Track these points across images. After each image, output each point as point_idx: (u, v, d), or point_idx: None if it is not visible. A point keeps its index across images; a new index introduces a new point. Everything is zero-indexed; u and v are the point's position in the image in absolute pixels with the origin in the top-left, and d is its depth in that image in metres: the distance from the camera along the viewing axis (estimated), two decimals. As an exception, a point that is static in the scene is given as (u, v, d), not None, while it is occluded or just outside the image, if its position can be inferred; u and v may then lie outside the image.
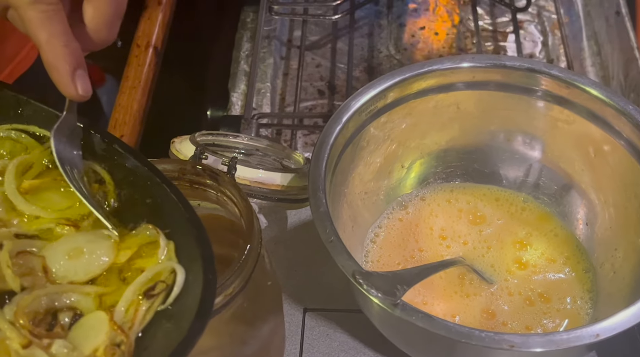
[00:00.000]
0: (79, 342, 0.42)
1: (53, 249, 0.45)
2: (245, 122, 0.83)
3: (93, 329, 0.42)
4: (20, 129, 0.51)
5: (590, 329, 0.47)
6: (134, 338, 0.42)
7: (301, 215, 0.71)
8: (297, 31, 1.00)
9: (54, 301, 0.43)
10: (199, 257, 0.43)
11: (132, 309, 0.43)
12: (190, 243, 0.44)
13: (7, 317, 0.42)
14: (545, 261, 0.63)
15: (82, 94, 0.47)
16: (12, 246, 0.45)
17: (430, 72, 0.61)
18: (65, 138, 0.48)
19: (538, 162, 0.66)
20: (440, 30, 1.00)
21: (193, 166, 0.54)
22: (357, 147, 0.61)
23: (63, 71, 0.45)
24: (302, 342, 0.63)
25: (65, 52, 0.45)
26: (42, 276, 0.44)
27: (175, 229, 0.45)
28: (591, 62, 0.95)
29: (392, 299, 0.48)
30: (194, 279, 0.43)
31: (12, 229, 0.46)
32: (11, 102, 0.51)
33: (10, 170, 0.48)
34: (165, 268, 0.44)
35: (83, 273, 0.45)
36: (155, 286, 0.43)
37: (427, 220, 0.66)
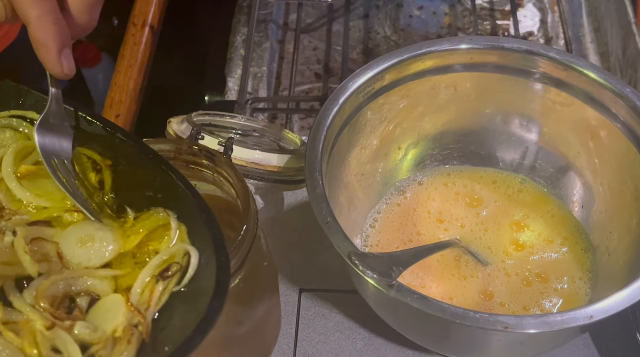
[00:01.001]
0: (97, 324, 0.42)
1: (65, 237, 0.46)
2: (239, 107, 0.82)
3: (110, 311, 0.43)
4: (19, 116, 0.51)
5: (584, 310, 0.48)
6: (150, 319, 0.42)
7: (297, 196, 0.71)
8: (292, 14, 1.00)
9: (70, 285, 0.44)
10: (210, 240, 0.43)
11: (148, 290, 0.43)
12: (200, 227, 0.45)
13: (27, 301, 0.42)
14: (543, 241, 0.63)
15: (67, 72, 0.47)
16: (25, 233, 0.45)
17: (428, 53, 0.61)
18: (52, 128, 0.48)
19: (535, 144, 0.66)
20: (438, 10, 1.00)
21: (189, 146, 0.54)
22: (354, 129, 0.61)
23: (51, 48, 0.45)
24: (297, 322, 0.64)
25: (55, 29, 0.45)
26: (57, 261, 0.45)
27: (184, 214, 0.46)
28: (590, 39, 0.94)
29: (387, 280, 0.48)
30: (206, 261, 0.43)
31: (24, 217, 0.47)
32: (13, 92, 0.51)
33: (9, 153, 0.48)
34: (179, 250, 0.45)
35: (97, 260, 0.45)
36: (170, 267, 0.44)
37: (425, 204, 0.66)
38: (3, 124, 0.50)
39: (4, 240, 0.45)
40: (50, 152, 0.47)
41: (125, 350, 0.41)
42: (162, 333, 0.42)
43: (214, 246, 0.43)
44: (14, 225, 0.46)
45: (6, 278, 0.44)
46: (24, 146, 0.49)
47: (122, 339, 0.41)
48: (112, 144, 0.49)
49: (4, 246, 0.44)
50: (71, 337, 0.41)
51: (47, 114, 0.48)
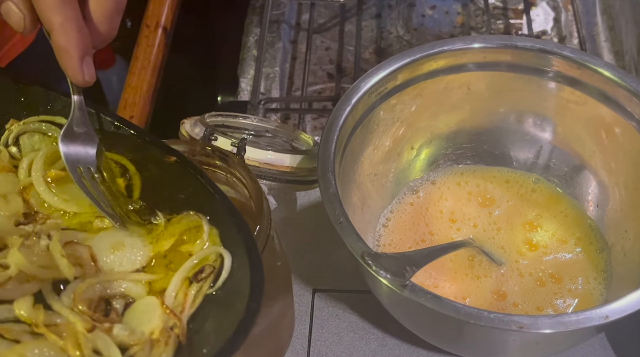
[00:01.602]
0: (134, 326, 0.43)
1: (96, 242, 0.47)
2: (252, 108, 0.83)
3: (146, 313, 0.43)
4: (48, 121, 0.51)
5: (599, 310, 0.47)
6: (186, 321, 0.43)
7: (310, 196, 0.71)
8: (305, 14, 1.00)
9: (106, 289, 0.44)
10: (242, 243, 0.44)
11: (182, 293, 0.44)
12: (230, 230, 0.45)
13: (65, 304, 0.43)
14: (556, 241, 0.63)
15: (87, 79, 0.47)
16: (60, 237, 0.46)
17: (441, 52, 0.60)
18: (76, 136, 0.48)
19: (549, 143, 0.66)
20: (450, 9, 0.99)
21: (203, 147, 0.54)
22: (366, 129, 0.61)
23: (74, 56, 0.46)
24: (311, 322, 0.64)
25: (77, 36, 0.45)
26: (91, 265, 0.45)
27: (213, 217, 0.46)
28: (605, 37, 0.93)
29: (401, 280, 0.48)
30: (238, 264, 0.44)
31: (58, 221, 0.47)
32: (41, 97, 0.52)
33: (39, 158, 0.49)
34: (211, 253, 0.45)
35: (129, 265, 0.46)
36: (203, 269, 0.44)
37: (437, 203, 0.66)
38: (32, 129, 0.51)
39: (40, 243, 0.45)
40: (75, 160, 0.48)
41: (163, 352, 0.41)
42: (197, 336, 0.42)
43: (246, 248, 0.43)
44: (49, 229, 0.46)
45: (44, 282, 0.44)
46: (53, 151, 0.50)
47: (159, 341, 0.42)
48: (139, 148, 0.49)
49: (40, 250, 0.45)
50: (111, 339, 0.42)
51: (71, 123, 0.48)
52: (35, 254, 0.44)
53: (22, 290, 0.43)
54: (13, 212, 0.47)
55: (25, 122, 0.51)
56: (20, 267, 0.44)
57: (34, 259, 0.44)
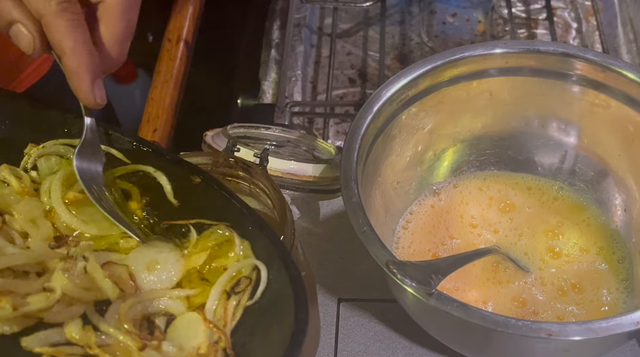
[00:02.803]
0: (179, 343, 0.43)
1: (131, 262, 0.47)
2: (279, 111, 0.82)
3: (189, 329, 0.44)
4: (66, 144, 0.52)
5: (630, 316, 0.46)
6: (229, 334, 0.43)
7: (333, 205, 0.71)
8: (327, 19, 1.00)
9: (147, 307, 0.45)
10: (276, 255, 0.44)
11: (221, 307, 0.44)
12: (262, 243, 0.45)
13: (110, 325, 0.44)
14: (579, 250, 0.62)
15: (99, 101, 0.48)
16: (95, 257, 0.46)
17: (462, 59, 0.60)
18: (89, 157, 0.49)
19: (574, 148, 0.65)
20: (471, 17, 0.99)
21: (225, 159, 0.55)
22: (388, 137, 0.61)
23: (85, 78, 0.47)
24: (337, 332, 0.63)
25: (89, 60, 0.46)
26: (130, 284, 0.46)
27: (244, 232, 0.47)
28: (626, 50, 0.93)
29: (426, 288, 0.48)
30: (274, 275, 0.44)
31: (90, 242, 0.48)
32: (59, 121, 0.53)
33: (57, 179, 0.50)
34: (246, 265, 0.45)
35: (166, 282, 0.46)
36: (240, 282, 0.44)
37: (458, 207, 0.65)
38: (50, 151, 0.52)
39: (78, 265, 0.46)
40: (90, 180, 0.49)
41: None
42: (243, 349, 0.42)
43: (282, 260, 0.44)
44: (82, 251, 0.47)
45: (87, 304, 0.45)
46: (70, 172, 0.50)
47: (208, 356, 0.42)
48: (161, 167, 0.50)
49: (79, 272, 0.46)
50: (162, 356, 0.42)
51: (83, 144, 0.49)
52: (76, 276, 0.45)
53: (69, 313, 0.44)
54: (45, 236, 0.48)
55: (44, 146, 0.52)
56: (65, 290, 0.44)
57: (77, 282, 0.45)
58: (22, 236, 0.48)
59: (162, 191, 0.50)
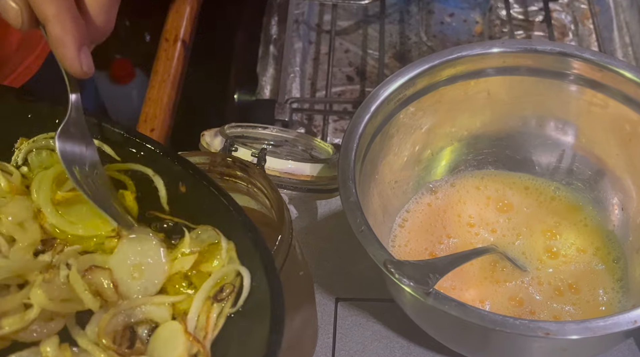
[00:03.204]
0: (158, 356, 0.42)
1: (115, 265, 0.46)
2: (279, 107, 0.82)
3: (170, 340, 0.43)
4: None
5: (627, 315, 0.47)
6: (209, 347, 0.42)
7: (331, 205, 0.71)
8: (326, 16, 1.00)
9: (130, 317, 0.44)
10: (259, 261, 0.43)
11: (204, 315, 0.43)
12: (246, 246, 0.44)
13: (91, 339, 0.42)
14: (576, 250, 0.62)
15: (85, 70, 0.46)
16: (78, 265, 0.45)
17: (460, 58, 0.60)
18: (73, 137, 0.47)
19: (571, 147, 0.65)
20: (469, 18, 0.99)
21: (223, 158, 0.54)
22: (386, 136, 0.61)
23: (70, 45, 0.45)
24: (334, 332, 0.63)
25: (73, 26, 0.45)
26: (113, 292, 0.45)
27: (229, 232, 0.45)
28: (622, 53, 0.93)
29: (424, 287, 0.48)
30: (257, 282, 0.43)
31: (76, 247, 0.47)
32: (48, 113, 0.51)
33: (46, 180, 0.48)
34: (230, 271, 0.44)
35: (150, 287, 0.45)
36: (223, 289, 0.43)
37: (456, 206, 0.65)
38: (40, 146, 0.50)
39: (60, 275, 0.45)
40: (71, 161, 0.47)
41: None
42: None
43: (264, 266, 0.42)
44: (67, 257, 0.46)
45: (67, 316, 0.44)
46: (58, 172, 0.49)
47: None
48: (152, 160, 0.49)
49: (61, 283, 0.44)
50: None
51: (67, 123, 0.47)
52: (56, 288, 0.44)
53: (47, 330, 0.43)
54: (31, 241, 0.46)
55: (35, 140, 0.50)
56: (43, 306, 0.43)
57: (55, 294, 0.43)
58: (9, 241, 0.46)
59: (154, 188, 0.48)
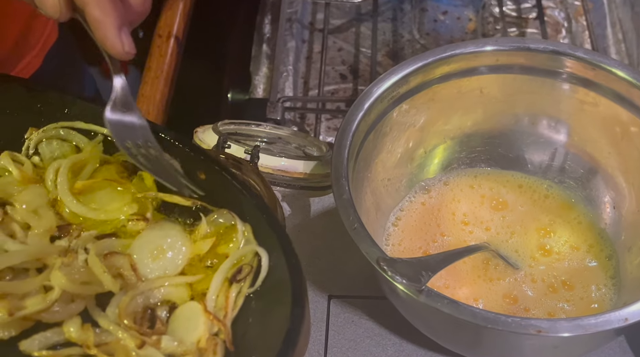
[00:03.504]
0: (180, 335, 0.43)
1: (135, 250, 0.46)
2: (271, 106, 0.82)
3: (190, 320, 0.43)
4: (67, 127, 0.51)
5: (618, 313, 0.47)
6: (229, 325, 0.42)
7: (324, 202, 0.71)
8: (319, 14, 1.00)
9: (149, 298, 0.44)
10: (276, 240, 0.43)
11: (222, 295, 0.44)
12: (262, 227, 0.45)
13: (111, 320, 0.43)
14: (569, 248, 0.63)
15: (127, 49, 0.46)
16: (96, 249, 0.45)
17: (453, 56, 0.60)
18: (122, 114, 0.48)
19: (563, 145, 0.65)
20: (462, 15, 0.99)
21: (216, 155, 0.54)
22: (379, 134, 0.61)
23: (110, 26, 0.45)
24: (327, 329, 0.63)
25: (112, 7, 0.45)
26: (132, 274, 0.45)
27: (245, 215, 0.46)
28: (615, 50, 0.93)
29: (416, 285, 0.48)
30: (274, 262, 0.43)
31: (92, 232, 0.47)
32: (57, 103, 0.51)
33: (63, 170, 0.49)
34: (248, 252, 0.45)
35: (171, 269, 0.46)
36: (241, 269, 0.44)
37: (450, 205, 0.65)
38: (50, 135, 0.51)
39: (79, 258, 0.45)
40: (123, 136, 0.47)
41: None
42: (243, 340, 0.42)
43: (281, 245, 0.43)
44: (84, 242, 0.46)
45: (88, 298, 0.44)
46: (76, 161, 0.50)
47: (207, 350, 0.41)
48: (165, 147, 0.49)
49: (80, 266, 0.45)
50: (160, 353, 0.41)
51: (115, 102, 0.48)
52: (75, 271, 0.44)
53: (69, 311, 0.43)
54: (47, 227, 0.47)
55: (45, 129, 0.51)
56: (64, 288, 0.43)
57: (76, 277, 0.44)
58: (24, 228, 0.47)
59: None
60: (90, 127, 0.51)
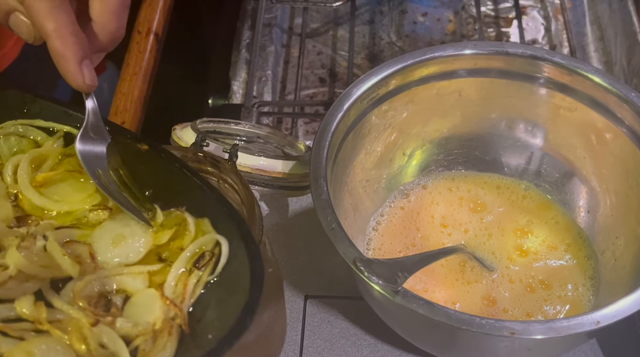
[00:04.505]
0: (135, 319, 0.43)
1: (96, 238, 0.47)
2: (246, 111, 0.82)
3: (146, 305, 0.44)
4: (25, 124, 0.51)
5: (590, 316, 0.47)
6: (186, 310, 0.43)
7: (302, 202, 0.71)
8: (298, 18, 1.00)
9: (104, 285, 0.45)
10: (236, 231, 0.44)
11: (181, 284, 0.44)
12: (222, 220, 0.45)
13: (65, 301, 0.43)
14: (547, 248, 0.63)
15: (89, 83, 0.47)
16: (56, 236, 0.46)
17: (432, 59, 0.60)
18: (93, 141, 0.48)
19: (540, 149, 0.66)
20: (442, 17, 1.00)
21: (194, 153, 0.54)
22: (358, 135, 0.61)
23: (71, 59, 0.45)
24: (303, 329, 0.63)
25: (73, 40, 0.45)
26: (90, 262, 0.46)
27: (204, 209, 0.46)
28: (594, 48, 0.94)
29: (393, 286, 0.48)
30: (234, 251, 0.44)
31: (52, 222, 0.47)
32: (17, 101, 0.51)
33: (23, 164, 0.49)
34: (208, 241, 0.45)
35: (134, 256, 0.46)
36: (204, 255, 0.45)
37: (429, 208, 0.66)
38: (9, 132, 0.51)
39: (37, 244, 0.45)
40: (93, 164, 0.48)
41: (167, 341, 0.42)
42: (199, 324, 0.42)
43: (241, 235, 0.44)
44: (43, 230, 0.46)
45: (43, 281, 0.44)
46: (36, 154, 0.50)
47: (162, 332, 0.42)
48: (124, 145, 0.49)
49: (38, 250, 0.45)
50: (115, 332, 0.42)
51: (86, 128, 0.48)
52: (34, 255, 0.45)
53: (22, 289, 0.43)
54: (3, 217, 0.47)
55: (2, 126, 0.51)
56: (20, 267, 0.44)
57: (34, 259, 0.44)
58: None
59: (131, 163, 0.49)
60: (50, 125, 0.51)
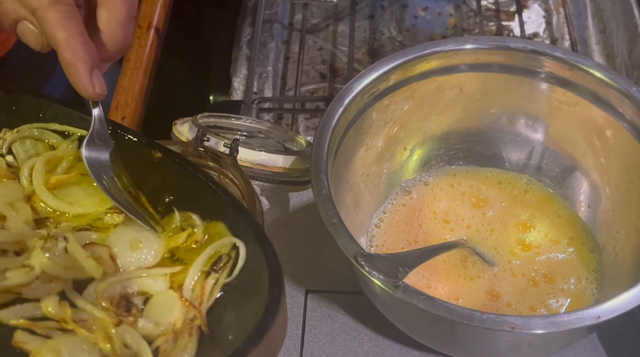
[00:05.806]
0: (155, 320, 0.44)
1: (114, 242, 0.47)
2: (246, 107, 0.83)
3: (165, 307, 0.44)
4: (41, 128, 0.52)
5: (591, 310, 0.47)
6: (205, 312, 0.44)
7: (303, 197, 0.71)
8: (298, 14, 1.00)
9: (126, 287, 0.45)
10: (252, 235, 0.45)
11: (199, 285, 0.45)
12: (237, 225, 0.46)
13: (87, 302, 0.44)
14: (549, 242, 0.63)
15: (98, 92, 0.48)
16: (76, 238, 0.46)
17: (433, 53, 0.60)
18: (97, 147, 0.49)
19: (541, 144, 0.66)
20: (443, 11, 0.99)
21: (195, 148, 0.54)
22: (359, 130, 0.61)
23: (82, 69, 0.46)
24: (304, 323, 0.64)
25: (84, 50, 0.46)
26: (111, 264, 0.46)
27: (221, 214, 0.47)
28: (596, 40, 0.94)
29: (393, 281, 0.48)
30: (251, 253, 0.44)
31: (70, 224, 0.48)
32: (33, 106, 0.52)
33: (38, 165, 0.50)
34: (226, 243, 0.46)
35: (147, 261, 0.47)
36: (220, 258, 0.45)
37: (431, 204, 0.66)
38: (24, 136, 0.52)
39: (58, 246, 0.46)
40: (99, 170, 0.48)
41: (188, 342, 0.42)
42: (218, 325, 0.43)
43: (258, 239, 0.44)
44: (63, 231, 0.47)
45: (66, 282, 0.45)
46: (51, 157, 0.50)
47: (183, 332, 0.43)
48: (134, 149, 0.50)
49: (60, 252, 0.46)
50: (137, 332, 0.43)
51: (92, 135, 0.49)
52: (57, 256, 0.45)
53: (47, 289, 0.44)
54: (24, 219, 0.48)
55: (19, 130, 0.52)
56: (44, 268, 0.45)
57: (57, 261, 0.45)
58: (1, 218, 0.48)
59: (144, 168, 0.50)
60: (65, 128, 0.52)
